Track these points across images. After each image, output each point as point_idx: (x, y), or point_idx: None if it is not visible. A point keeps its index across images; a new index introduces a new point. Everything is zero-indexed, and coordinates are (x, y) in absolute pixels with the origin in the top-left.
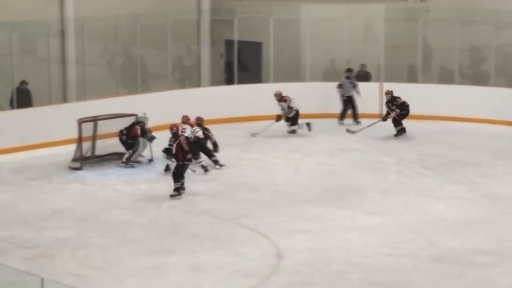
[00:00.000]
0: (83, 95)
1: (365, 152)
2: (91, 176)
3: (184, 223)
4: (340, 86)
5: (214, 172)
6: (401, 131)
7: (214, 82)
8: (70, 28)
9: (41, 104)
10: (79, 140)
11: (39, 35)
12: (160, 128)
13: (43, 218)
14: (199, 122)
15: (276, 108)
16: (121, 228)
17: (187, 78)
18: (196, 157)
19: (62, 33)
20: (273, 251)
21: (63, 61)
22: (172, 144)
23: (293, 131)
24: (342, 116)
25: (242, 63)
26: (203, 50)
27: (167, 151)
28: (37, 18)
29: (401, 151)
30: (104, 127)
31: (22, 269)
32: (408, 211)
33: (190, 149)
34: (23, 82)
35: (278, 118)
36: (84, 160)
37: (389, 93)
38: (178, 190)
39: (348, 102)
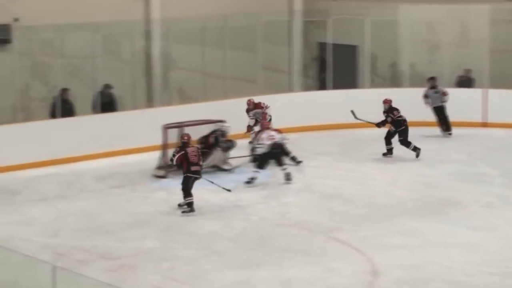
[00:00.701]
0: (169, 100)
1: (467, 163)
2: (176, 184)
3: (274, 235)
4: (426, 97)
5: (305, 182)
6: (389, 152)
7: (306, 87)
8: (156, 29)
9: (125, 108)
10: (164, 147)
11: (124, 37)
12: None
13: (126, 228)
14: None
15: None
16: (207, 240)
17: (277, 82)
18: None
19: (147, 35)
20: (367, 267)
21: (148, 64)
22: (175, 154)
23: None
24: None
25: (336, 67)
26: (295, 53)
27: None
28: (121, 19)
29: (506, 162)
30: (190, 133)
31: (105, 280)
32: None
33: (198, 162)
34: (107, 86)
35: (250, 129)
36: (169, 168)
37: (387, 102)
38: (191, 206)
39: (439, 113)
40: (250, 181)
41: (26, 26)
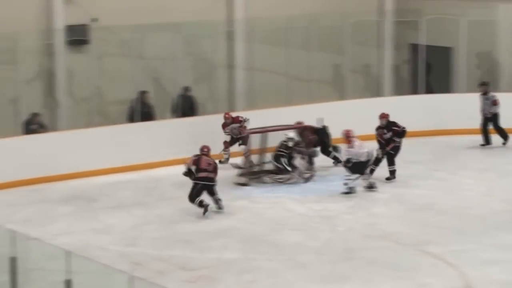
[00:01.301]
0: (252, 104)
1: None
2: (259, 192)
3: (361, 247)
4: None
5: (395, 192)
6: (393, 174)
7: (398, 91)
8: (239, 30)
9: (205, 112)
10: (247, 153)
11: (205, 38)
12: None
13: (207, 238)
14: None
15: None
16: (291, 251)
17: (366, 86)
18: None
19: (230, 36)
20: (461, 283)
21: (231, 66)
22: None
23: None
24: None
25: (429, 70)
26: (385, 55)
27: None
28: (203, 19)
29: None
30: (275, 139)
31: None
32: None
33: (207, 168)
34: (187, 89)
35: (227, 145)
36: (252, 175)
37: (384, 116)
38: (205, 208)
39: (490, 121)
40: (349, 191)
41: (104, 26)
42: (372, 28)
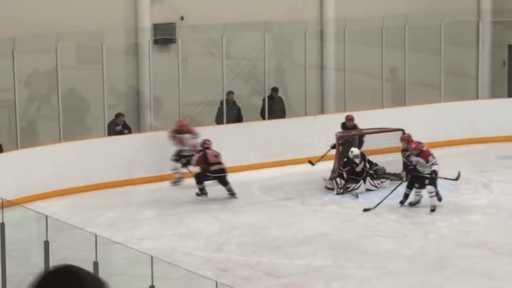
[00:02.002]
0: (342, 106)
1: None
2: (349, 198)
3: (455, 256)
4: None
5: (492, 198)
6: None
7: (495, 94)
8: (330, 30)
9: (295, 114)
10: (338, 156)
11: (295, 37)
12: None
13: (295, 244)
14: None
15: None
16: (382, 259)
17: (462, 88)
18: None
19: (321, 36)
20: None
21: (321, 67)
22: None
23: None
24: None
25: None
26: (482, 57)
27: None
28: (293, 18)
29: None
30: (368, 143)
31: None
32: None
33: (217, 161)
34: (274, 89)
35: (184, 159)
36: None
37: (406, 139)
38: (204, 195)
39: None
40: (433, 209)
41: (191, 25)
42: (469, 28)
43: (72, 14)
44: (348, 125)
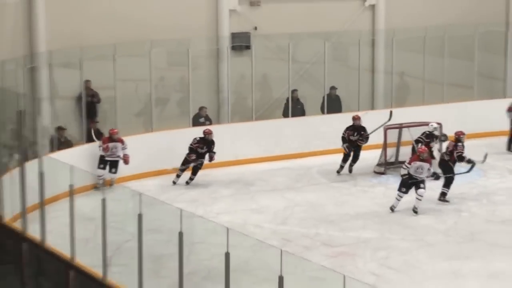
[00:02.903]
0: (389, 104)
1: None
2: (394, 181)
3: (483, 231)
4: (510, 110)
5: None
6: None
7: None
8: (380, 38)
9: (349, 110)
10: (384, 146)
11: (351, 45)
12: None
13: (347, 219)
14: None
15: None
16: (421, 232)
17: (492, 89)
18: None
19: (372, 43)
20: None
21: (372, 70)
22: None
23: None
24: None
25: None
26: (510, 62)
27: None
28: (349, 28)
29: None
30: (409, 134)
31: (326, 265)
32: None
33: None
34: (332, 88)
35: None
36: (388, 165)
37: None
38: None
39: None
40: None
41: (264, 34)
42: (499, 38)
43: (163, 24)
44: (356, 124)
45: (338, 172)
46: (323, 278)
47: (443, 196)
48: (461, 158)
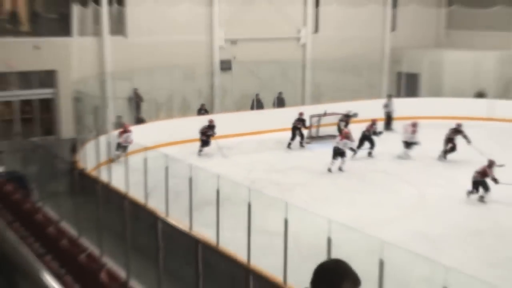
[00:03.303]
0: (313, 103)
1: None
2: (315, 147)
3: (371, 172)
4: (385, 106)
5: None
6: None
7: None
8: (308, 63)
9: (290, 106)
10: (310, 126)
11: (291, 68)
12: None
13: (289, 170)
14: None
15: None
16: (336, 176)
17: (372, 94)
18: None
19: (303, 67)
20: None
21: (303, 82)
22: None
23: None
24: None
25: None
26: (384, 78)
27: None
28: (290, 58)
29: None
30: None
31: (277, 196)
32: None
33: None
34: (280, 93)
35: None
36: (312, 138)
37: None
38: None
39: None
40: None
41: (240, 61)
42: (377, 63)
43: (181, 54)
44: (301, 118)
45: (288, 146)
46: (276, 205)
47: (369, 155)
48: (375, 133)
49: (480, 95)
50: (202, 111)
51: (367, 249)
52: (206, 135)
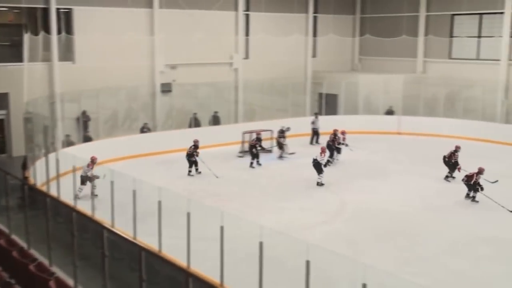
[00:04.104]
0: (245, 120)
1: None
2: (247, 160)
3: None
4: (312, 123)
5: None
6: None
7: None
8: (240, 85)
9: (225, 124)
10: (242, 141)
11: (225, 89)
12: None
13: (222, 182)
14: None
15: None
16: (266, 182)
17: (298, 113)
18: None
19: (236, 88)
20: None
21: (236, 102)
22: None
23: None
24: None
25: None
26: (307, 99)
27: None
28: (224, 80)
29: None
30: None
31: (214, 206)
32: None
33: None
34: (215, 112)
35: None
36: (244, 152)
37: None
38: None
39: None
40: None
41: (179, 83)
42: (301, 85)
43: (125, 77)
44: (259, 137)
45: (251, 165)
46: (213, 213)
47: (329, 163)
48: (340, 144)
49: (390, 112)
50: (145, 129)
51: (295, 251)
52: (191, 154)
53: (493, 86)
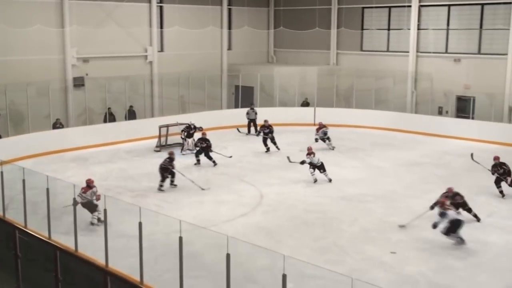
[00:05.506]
0: (165, 114)
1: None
2: (164, 154)
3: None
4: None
5: None
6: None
7: None
8: (155, 79)
9: (140, 118)
10: (159, 135)
11: (140, 83)
12: None
13: (141, 177)
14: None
15: None
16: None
17: (213, 106)
18: None
19: (151, 81)
20: None
21: (151, 96)
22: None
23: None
24: None
25: None
26: (224, 92)
27: None
28: (138, 73)
29: None
30: (173, 129)
31: (131, 202)
32: None
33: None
34: (131, 106)
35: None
36: (161, 146)
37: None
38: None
39: None
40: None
41: (91, 77)
42: (217, 78)
43: (36, 71)
44: (205, 138)
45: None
46: (131, 209)
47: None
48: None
49: (305, 104)
50: (58, 125)
51: (215, 244)
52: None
53: (402, 77)
